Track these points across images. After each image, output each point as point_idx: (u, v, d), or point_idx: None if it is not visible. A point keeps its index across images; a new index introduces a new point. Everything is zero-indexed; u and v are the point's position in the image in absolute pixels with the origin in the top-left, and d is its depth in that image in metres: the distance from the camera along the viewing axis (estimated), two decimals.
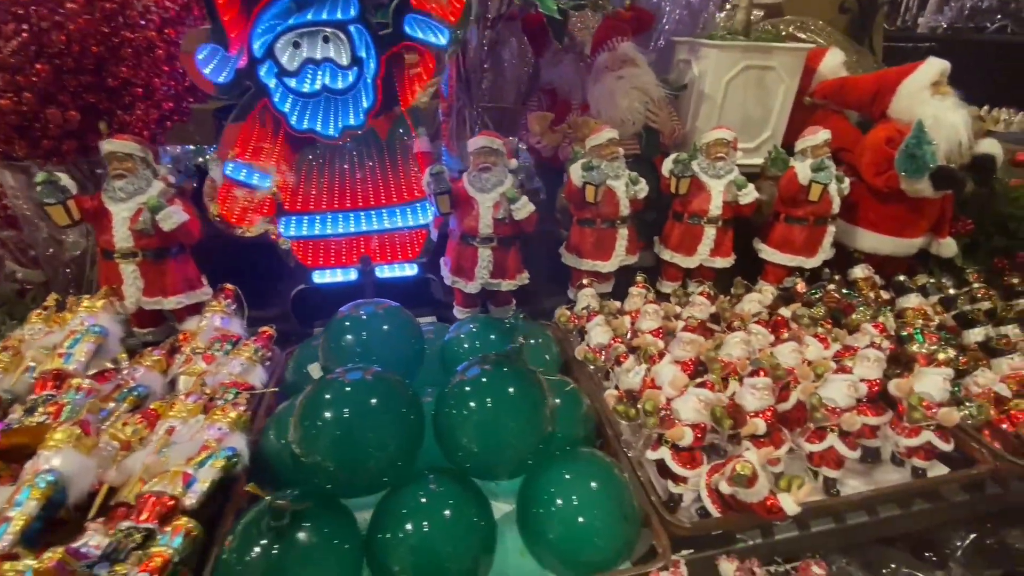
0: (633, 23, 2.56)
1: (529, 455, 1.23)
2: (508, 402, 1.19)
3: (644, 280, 2.04)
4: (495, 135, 1.77)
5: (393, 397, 1.20)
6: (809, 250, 2.16)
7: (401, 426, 1.18)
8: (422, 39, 1.65)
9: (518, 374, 1.25)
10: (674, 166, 2.00)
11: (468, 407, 1.18)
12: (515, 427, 1.19)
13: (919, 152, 1.91)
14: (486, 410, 1.18)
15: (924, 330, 1.88)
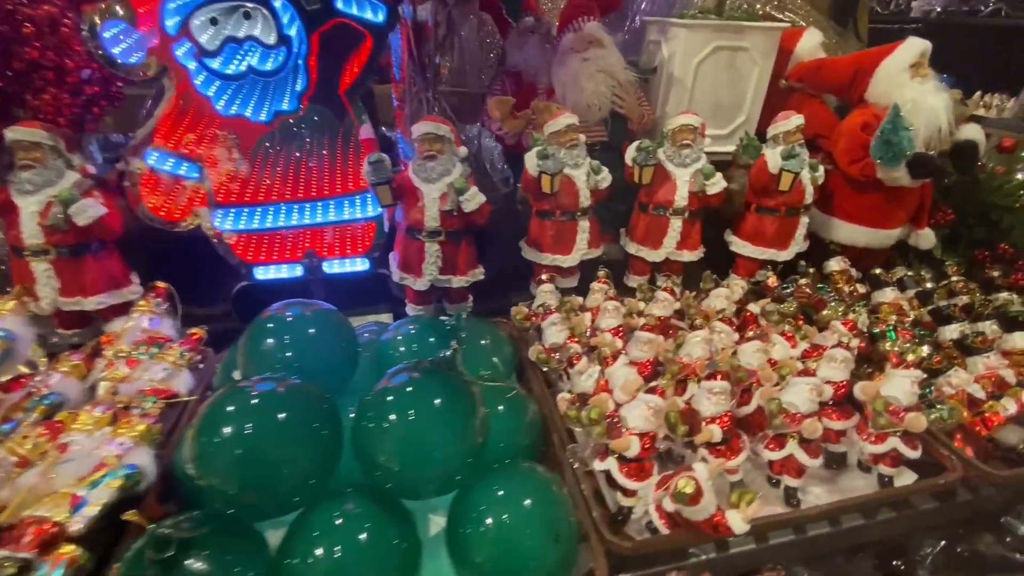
0: (601, 2, 2.43)
1: (457, 471, 1.13)
2: (432, 414, 1.09)
3: (606, 275, 1.94)
4: (441, 120, 1.65)
5: (305, 409, 1.10)
6: (781, 242, 2.05)
7: (313, 442, 1.07)
8: (356, 16, 1.52)
9: (446, 382, 1.14)
10: (637, 154, 1.88)
11: (388, 420, 1.07)
12: (440, 441, 1.09)
13: (895, 138, 1.80)
14: (407, 423, 1.07)
15: (898, 327, 1.79)
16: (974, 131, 2.06)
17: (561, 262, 1.97)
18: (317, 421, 1.10)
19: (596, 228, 2.01)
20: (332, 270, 2.00)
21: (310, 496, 1.08)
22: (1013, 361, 1.67)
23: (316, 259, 1.94)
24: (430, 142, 1.64)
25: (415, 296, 1.88)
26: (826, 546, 1.43)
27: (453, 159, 1.68)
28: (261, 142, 1.79)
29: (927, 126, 1.89)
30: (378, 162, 1.56)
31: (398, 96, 2.12)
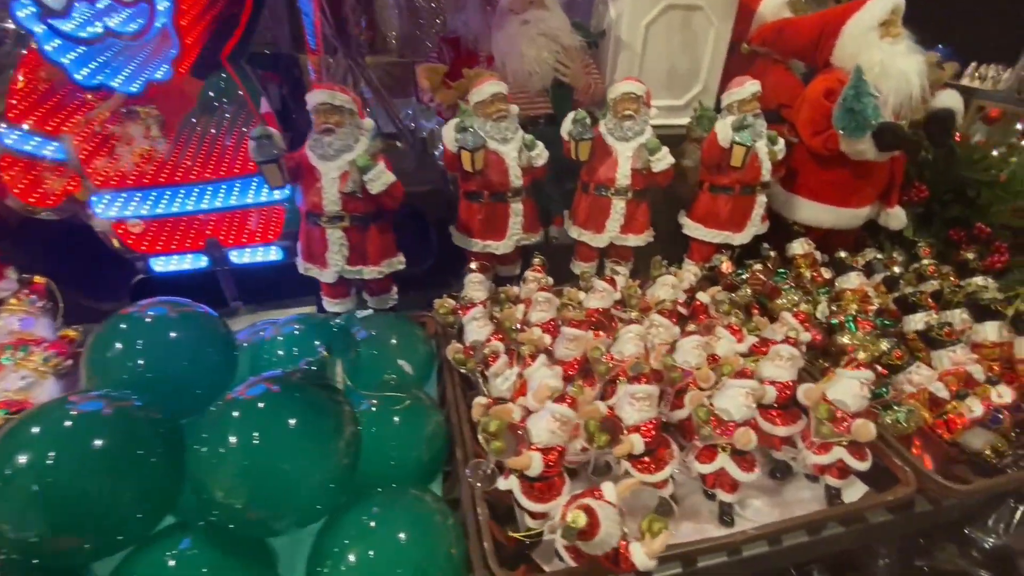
0: None
1: (316, 500, 0.96)
2: (278, 435, 0.92)
3: (541, 263, 1.76)
4: (339, 88, 1.44)
5: (133, 435, 0.92)
6: (736, 224, 1.87)
7: (136, 473, 0.90)
8: None
9: (301, 397, 0.97)
10: (572, 127, 1.68)
11: (224, 445, 0.90)
12: (290, 469, 0.92)
13: (858, 106, 1.61)
14: (248, 448, 0.90)
15: (859, 317, 1.62)
16: (951, 98, 1.86)
17: (494, 248, 1.79)
18: (146, 447, 0.92)
19: (533, 210, 1.82)
20: (241, 260, 1.82)
21: (136, 536, 0.92)
22: (983, 355, 1.51)
23: (220, 248, 1.75)
24: (325, 113, 1.44)
25: (328, 289, 1.69)
26: (766, 565, 1.28)
27: (355, 133, 1.48)
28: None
29: (897, 92, 1.69)
30: (263, 137, 1.36)
31: (313, 66, 1.90)
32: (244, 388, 0.98)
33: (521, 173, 1.70)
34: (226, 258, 1.78)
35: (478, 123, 1.67)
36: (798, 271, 1.96)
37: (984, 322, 1.54)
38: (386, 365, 1.38)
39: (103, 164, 1.73)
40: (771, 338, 1.49)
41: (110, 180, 1.58)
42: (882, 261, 1.94)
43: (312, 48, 1.86)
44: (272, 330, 1.29)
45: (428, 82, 1.95)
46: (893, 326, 1.65)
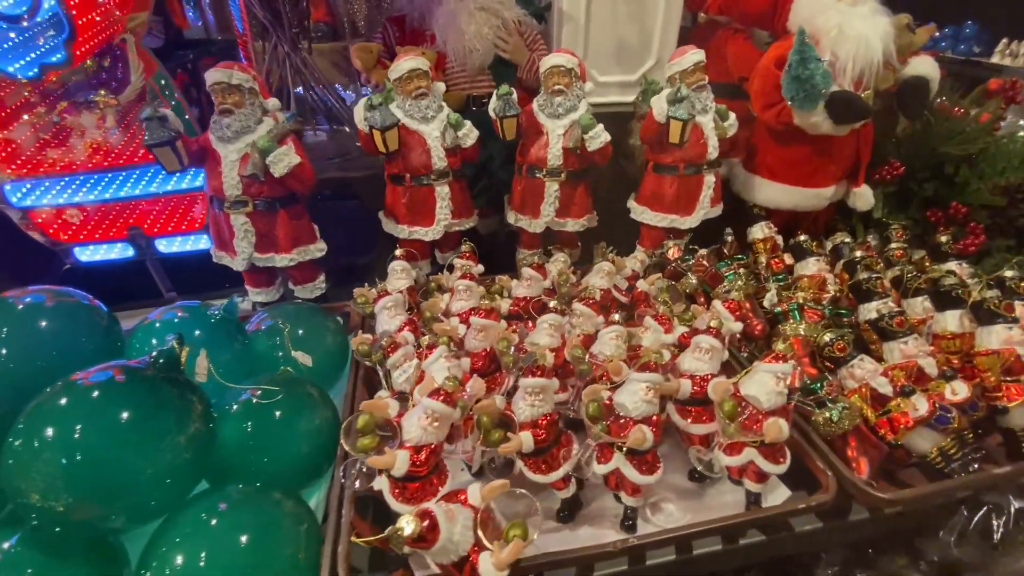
0: None
1: (150, 498, 0.90)
2: (103, 430, 0.86)
3: (471, 249, 1.66)
4: (236, 65, 1.37)
5: None
6: (683, 207, 1.74)
7: None
8: None
9: (139, 389, 0.91)
10: (495, 103, 1.57)
11: (41, 437, 0.84)
12: (115, 462, 0.86)
13: (804, 72, 1.46)
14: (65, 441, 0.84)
15: (807, 307, 1.48)
16: (925, 65, 1.69)
17: (421, 235, 1.70)
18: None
19: (463, 194, 1.73)
20: (170, 249, 1.78)
21: None
22: (940, 347, 1.37)
23: (144, 237, 1.71)
24: (223, 93, 1.37)
25: (248, 277, 1.64)
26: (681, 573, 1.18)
27: (257, 113, 1.41)
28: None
29: (856, 58, 1.53)
30: (153, 119, 1.30)
31: (243, 51, 1.84)
32: (90, 373, 0.93)
33: (445, 154, 1.61)
34: (152, 247, 1.74)
35: (398, 101, 1.59)
36: (756, 257, 1.83)
37: (944, 311, 1.39)
38: (284, 358, 1.31)
39: (56, 154, 1.73)
40: (700, 328, 1.37)
41: (24, 168, 1.55)
42: (850, 246, 1.79)
43: (240, 33, 1.80)
44: (154, 317, 1.24)
45: (360, 62, 1.86)
46: (848, 315, 1.50)
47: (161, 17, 1.90)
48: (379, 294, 1.49)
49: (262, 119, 1.42)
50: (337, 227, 1.85)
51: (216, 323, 1.21)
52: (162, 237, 1.74)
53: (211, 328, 1.20)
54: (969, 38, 4.30)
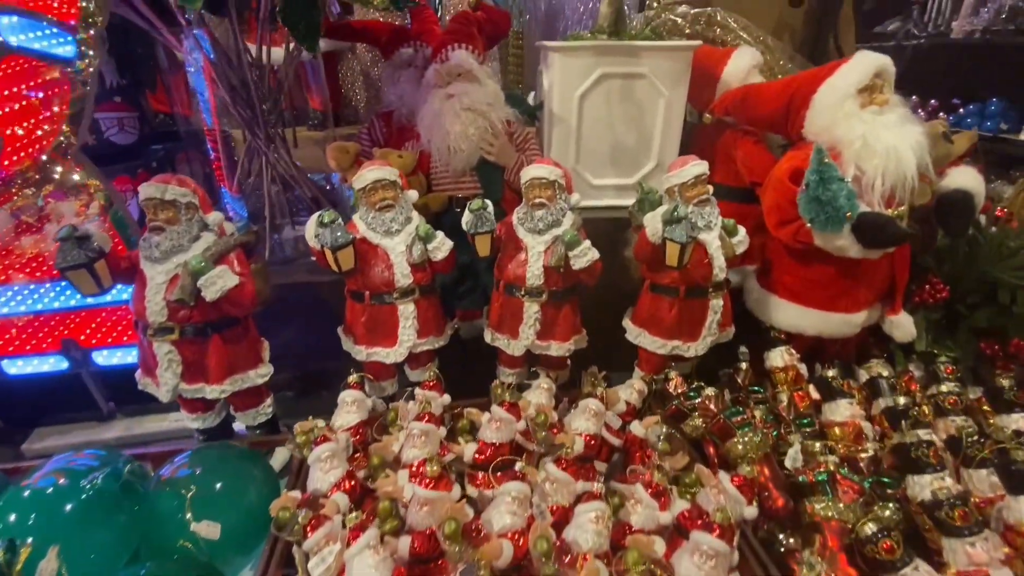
0: (486, 28, 2.01)
1: None
2: None
3: (436, 378, 1.44)
4: (174, 179, 1.23)
5: None
6: (687, 332, 1.49)
7: None
8: (38, 51, 1.15)
9: None
10: (468, 216, 1.40)
11: None
12: None
13: (825, 194, 1.24)
14: None
15: (840, 475, 1.18)
16: (966, 176, 1.47)
17: (382, 357, 1.49)
18: None
19: (433, 310, 1.53)
20: (108, 362, 1.60)
21: None
22: (1016, 545, 1.05)
23: (79, 349, 1.54)
24: (155, 209, 1.22)
25: (181, 401, 1.44)
26: None
27: (192, 230, 1.26)
28: None
29: (887, 174, 1.32)
30: (69, 239, 1.15)
31: (211, 143, 1.75)
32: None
33: (410, 270, 1.42)
34: (89, 360, 1.57)
35: (361, 212, 1.43)
36: (775, 390, 1.55)
37: (1019, 496, 1.08)
38: (186, 527, 1.08)
39: (29, 242, 1.61)
40: (705, 507, 1.09)
41: None
42: (890, 381, 1.51)
43: (208, 127, 1.71)
44: (31, 481, 1.02)
45: (336, 163, 1.74)
46: (894, 486, 1.20)
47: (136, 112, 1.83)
48: (317, 439, 1.25)
49: (199, 236, 1.26)
50: (312, 323, 1.67)
51: (93, 495, 0.99)
52: (100, 349, 1.57)
53: (87, 503, 0.98)
54: (995, 115, 4.18)
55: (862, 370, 1.61)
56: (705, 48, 1.84)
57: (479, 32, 1.95)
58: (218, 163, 1.75)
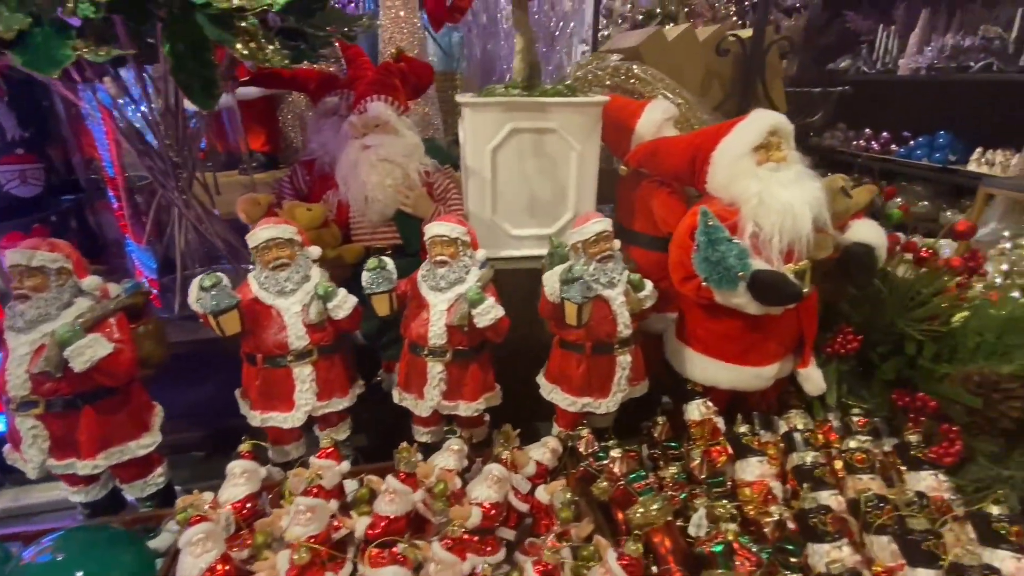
0: (410, 79, 2.02)
1: None
2: None
3: (333, 444, 1.37)
4: (44, 244, 1.17)
5: None
6: (597, 389, 1.46)
7: None
8: None
9: None
10: (365, 276, 1.36)
11: None
12: None
13: (713, 255, 1.24)
14: None
15: (738, 542, 1.14)
16: (867, 230, 1.49)
17: (279, 422, 1.42)
18: None
19: (335, 370, 1.47)
20: None
21: None
22: None
23: None
24: (20, 276, 1.16)
25: (62, 476, 1.34)
26: None
27: (63, 296, 1.19)
28: None
29: (784, 231, 1.32)
30: None
31: (116, 194, 1.69)
32: None
33: (307, 331, 1.37)
34: None
35: (254, 272, 1.38)
36: (693, 443, 1.52)
37: (916, 567, 1.05)
38: None
39: None
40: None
41: None
42: (804, 433, 1.48)
43: (111, 176, 1.66)
44: None
45: (246, 216, 1.69)
46: (797, 554, 1.16)
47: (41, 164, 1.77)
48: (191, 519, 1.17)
49: (71, 303, 1.20)
50: (225, 378, 1.58)
51: None
52: None
53: None
54: (943, 146, 4.38)
55: (782, 421, 1.60)
56: (621, 100, 1.87)
57: (402, 83, 1.96)
58: (121, 212, 1.69)
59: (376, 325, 1.73)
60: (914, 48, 4.68)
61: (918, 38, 4.67)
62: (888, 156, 4.76)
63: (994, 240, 3.29)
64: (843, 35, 5.38)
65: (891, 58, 4.85)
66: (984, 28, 4.09)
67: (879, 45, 4.93)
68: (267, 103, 2.66)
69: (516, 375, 1.62)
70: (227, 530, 1.22)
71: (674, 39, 2.45)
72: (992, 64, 3.93)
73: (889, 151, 4.81)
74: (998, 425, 1.29)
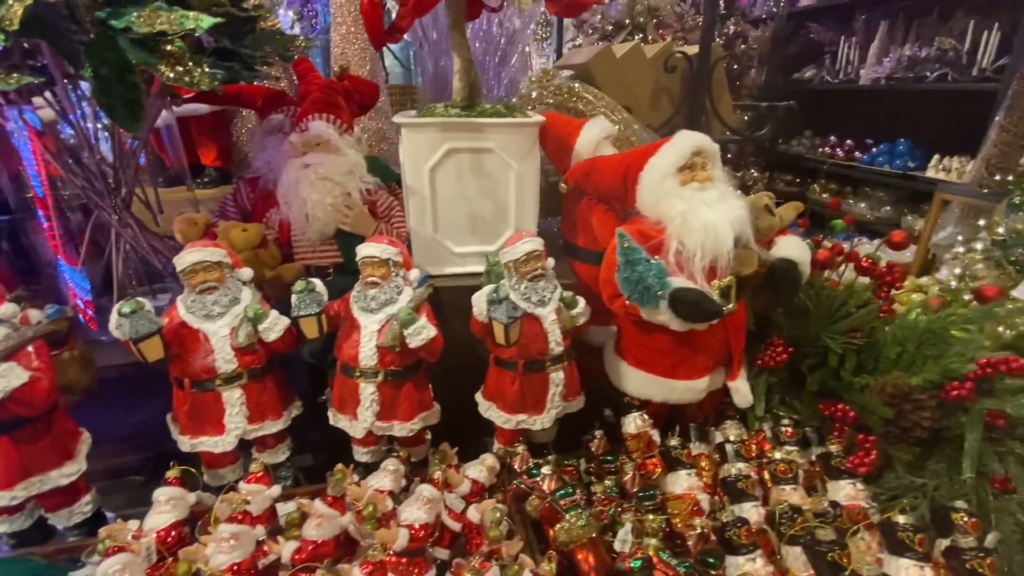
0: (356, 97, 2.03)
1: None
2: None
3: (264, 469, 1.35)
4: None
5: None
6: (532, 406, 1.48)
7: None
8: None
9: None
10: (294, 298, 1.36)
11: None
12: None
13: (631, 275, 1.28)
14: None
15: (659, 557, 1.17)
16: (790, 247, 1.53)
17: (210, 446, 1.41)
18: None
19: (268, 393, 1.46)
20: None
21: None
22: None
23: None
24: None
25: None
26: None
27: None
28: None
29: (706, 249, 1.36)
30: None
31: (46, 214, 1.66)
32: None
33: (235, 355, 1.36)
34: None
35: (183, 294, 1.37)
36: (628, 455, 1.55)
37: None
38: None
39: None
40: None
41: None
42: (736, 445, 1.52)
43: (39, 197, 1.63)
44: None
45: (182, 236, 1.67)
46: (717, 566, 1.19)
47: None
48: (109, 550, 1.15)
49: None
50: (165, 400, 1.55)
51: None
52: None
53: None
54: (903, 153, 4.52)
55: (718, 432, 1.63)
56: (563, 118, 1.91)
57: (347, 101, 1.97)
58: (52, 233, 1.66)
59: (322, 343, 1.73)
60: (874, 59, 4.83)
61: (877, 49, 4.81)
62: (852, 163, 4.89)
63: (950, 244, 3.41)
64: (807, 46, 5.52)
65: (853, 68, 5.01)
66: (939, 40, 4.25)
67: (841, 56, 5.08)
68: (218, 118, 2.64)
69: (465, 390, 1.63)
70: (148, 560, 1.20)
71: (622, 56, 2.51)
72: (947, 74, 4.08)
73: (853, 158, 4.94)
74: (912, 434, 1.34)
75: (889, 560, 1.12)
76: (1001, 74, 3.30)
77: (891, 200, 4.71)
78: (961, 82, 3.94)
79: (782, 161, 5.50)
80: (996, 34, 3.50)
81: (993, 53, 3.61)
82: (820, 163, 5.05)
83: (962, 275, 2.49)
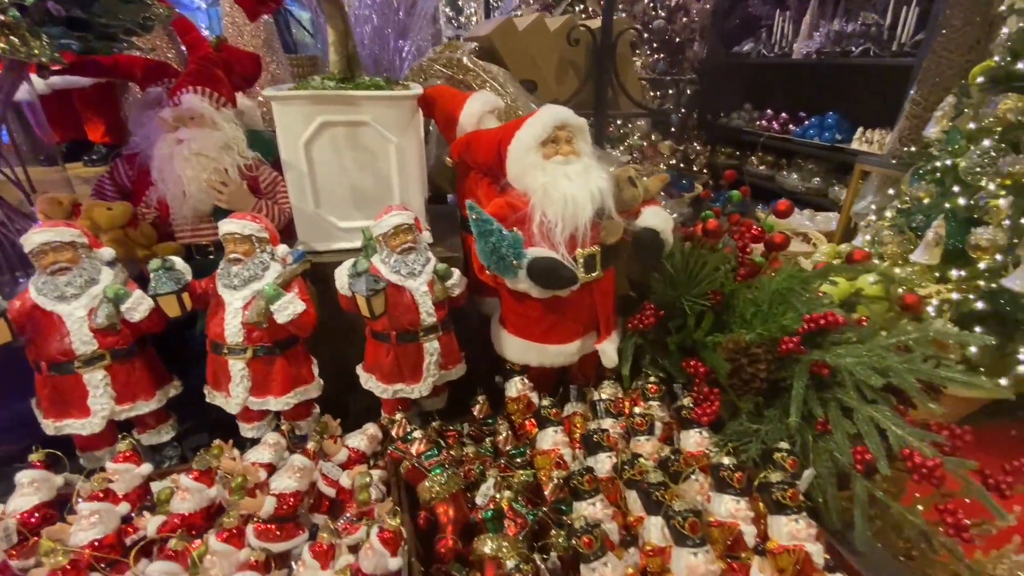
0: (238, 69, 1.97)
1: None
2: None
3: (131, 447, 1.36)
4: None
5: None
6: (409, 376, 1.53)
7: None
8: None
9: None
10: (151, 276, 1.35)
11: None
12: None
13: (485, 246, 1.33)
14: None
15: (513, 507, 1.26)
16: (654, 217, 1.62)
17: (77, 428, 1.39)
18: None
19: (139, 372, 1.45)
20: None
21: None
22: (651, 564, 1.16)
23: None
24: None
25: None
26: None
27: None
28: None
29: (566, 220, 1.43)
30: None
31: None
32: None
33: (94, 336, 1.34)
34: None
35: (34, 277, 1.33)
36: (509, 420, 1.64)
37: (651, 516, 1.20)
38: None
39: None
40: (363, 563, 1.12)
41: None
42: (606, 403, 1.63)
43: None
44: None
45: (44, 217, 1.61)
46: (568, 512, 1.29)
47: None
48: None
49: None
50: None
51: None
52: None
53: None
54: (832, 126, 4.73)
55: (596, 391, 1.74)
56: (450, 91, 1.92)
57: (227, 73, 1.91)
58: None
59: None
60: (805, 33, 4.97)
61: (809, 24, 4.93)
62: (786, 136, 5.05)
63: (867, 213, 3.63)
64: (746, 19, 5.59)
65: (788, 42, 5.13)
66: (864, 15, 4.40)
67: (776, 29, 5.20)
68: (103, 90, 2.49)
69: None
70: (8, 540, 1.20)
71: (524, 29, 2.51)
72: (870, 49, 4.24)
73: (787, 131, 5.11)
74: (752, 386, 1.47)
75: (714, 497, 1.25)
76: (918, 49, 3.45)
77: (821, 172, 4.93)
78: (883, 57, 4.08)
79: (723, 134, 5.64)
80: (915, 9, 3.64)
81: (912, 28, 3.74)
82: (757, 136, 5.23)
83: (871, 241, 2.69)
